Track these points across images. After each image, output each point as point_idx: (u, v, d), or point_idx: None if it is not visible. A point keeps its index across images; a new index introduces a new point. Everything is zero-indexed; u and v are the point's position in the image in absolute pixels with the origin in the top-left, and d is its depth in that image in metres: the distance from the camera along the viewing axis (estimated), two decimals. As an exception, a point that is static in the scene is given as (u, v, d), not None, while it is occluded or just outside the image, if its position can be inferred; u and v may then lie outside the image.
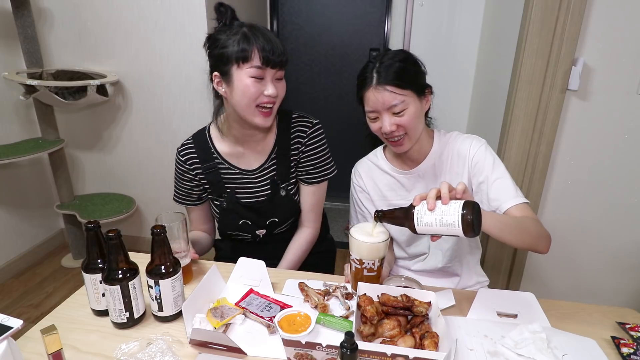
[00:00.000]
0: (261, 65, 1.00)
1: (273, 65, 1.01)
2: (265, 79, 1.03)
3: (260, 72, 1.01)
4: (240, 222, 1.21)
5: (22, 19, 1.96)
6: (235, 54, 0.99)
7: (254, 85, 1.01)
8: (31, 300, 2.10)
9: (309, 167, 1.19)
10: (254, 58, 0.99)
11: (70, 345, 0.81)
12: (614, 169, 1.62)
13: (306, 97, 3.12)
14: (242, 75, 1.01)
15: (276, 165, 1.18)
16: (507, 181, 1.00)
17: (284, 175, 1.19)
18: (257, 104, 1.04)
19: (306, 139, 1.17)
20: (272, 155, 1.18)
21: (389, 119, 0.99)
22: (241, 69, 1.01)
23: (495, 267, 1.87)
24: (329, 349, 0.74)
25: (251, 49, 0.99)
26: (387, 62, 0.99)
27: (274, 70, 1.03)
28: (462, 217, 0.74)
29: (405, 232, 1.17)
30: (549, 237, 0.97)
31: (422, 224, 0.78)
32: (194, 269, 1.06)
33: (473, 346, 0.82)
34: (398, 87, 0.96)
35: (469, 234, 0.74)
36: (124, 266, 0.82)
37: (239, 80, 1.02)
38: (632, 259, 1.72)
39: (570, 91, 1.56)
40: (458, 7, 2.20)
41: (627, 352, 0.80)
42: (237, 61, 1.00)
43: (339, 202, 3.28)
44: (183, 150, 1.19)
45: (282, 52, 1.02)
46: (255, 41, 0.99)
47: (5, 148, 2.03)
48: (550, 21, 1.47)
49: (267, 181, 1.19)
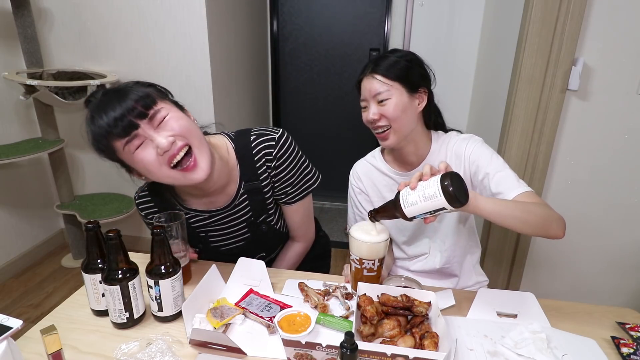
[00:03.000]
0: (127, 138, 0.82)
1: (134, 125, 0.81)
2: (147, 137, 0.83)
3: (135, 141, 0.83)
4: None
5: (22, 19, 1.96)
6: (106, 153, 0.86)
7: (144, 154, 0.83)
8: (31, 300, 2.10)
9: (287, 188, 1.05)
10: (115, 142, 0.83)
11: (70, 346, 0.81)
12: (614, 169, 1.62)
13: (306, 97, 3.12)
14: (128, 155, 0.84)
15: (248, 201, 1.04)
16: (507, 172, 0.99)
17: (259, 209, 1.06)
18: (170, 167, 0.85)
19: (274, 160, 1.00)
20: (241, 191, 1.03)
21: (373, 108, 1.01)
22: (121, 152, 0.85)
23: (495, 267, 1.87)
24: (329, 349, 0.74)
25: (105, 139, 0.82)
26: (390, 56, 1.02)
27: (144, 123, 0.82)
28: (442, 186, 0.75)
29: (405, 233, 1.17)
30: (562, 220, 0.91)
31: (408, 204, 0.79)
32: (193, 269, 1.06)
33: (473, 346, 0.82)
34: (386, 77, 0.99)
35: (454, 203, 0.75)
36: (124, 266, 0.82)
37: (132, 161, 0.86)
38: (632, 259, 1.72)
39: (570, 91, 1.56)
40: (458, 7, 2.20)
41: (627, 352, 0.80)
42: (112, 154, 0.86)
43: (339, 202, 3.28)
44: (141, 203, 1.05)
45: (129, 107, 0.81)
46: (101, 130, 0.82)
47: (5, 148, 2.03)
48: (550, 21, 1.47)
49: (243, 224, 1.06)
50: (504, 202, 0.89)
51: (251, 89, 2.72)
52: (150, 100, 0.84)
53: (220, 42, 2.19)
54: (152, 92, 0.88)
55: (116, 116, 0.81)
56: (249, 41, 2.61)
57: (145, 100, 0.84)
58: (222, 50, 2.22)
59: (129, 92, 0.84)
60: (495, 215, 0.83)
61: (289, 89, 3.11)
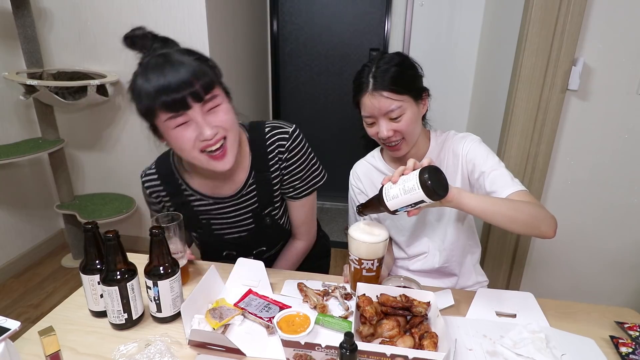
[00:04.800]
0: (171, 112, 0.82)
1: (182, 103, 0.81)
2: (193, 120, 0.84)
3: (180, 119, 0.83)
4: (225, 253, 1.14)
5: (22, 19, 1.96)
6: (144, 113, 0.85)
7: (183, 134, 0.84)
8: (31, 300, 2.10)
9: (295, 182, 1.06)
10: (159, 108, 0.82)
11: (68, 347, 0.81)
12: (614, 169, 1.62)
13: (306, 97, 3.12)
14: (166, 129, 0.85)
15: (256, 192, 1.04)
16: (502, 170, 0.99)
17: (266, 201, 1.06)
18: (200, 150, 0.87)
19: (286, 153, 1.01)
20: (250, 181, 1.03)
21: (385, 125, 0.98)
22: (161, 122, 0.84)
23: (495, 267, 1.87)
24: (328, 350, 0.73)
25: (152, 103, 0.82)
26: (384, 66, 0.97)
27: (197, 106, 0.83)
28: (420, 179, 0.76)
29: (404, 232, 1.17)
30: (553, 219, 0.90)
31: (389, 198, 0.81)
32: (191, 269, 1.06)
33: (472, 346, 0.82)
34: (395, 92, 0.95)
35: (432, 196, 0.76)
36: (122, 267, 0.82)
37: (167, 134, 0.86)
38: (632, 259, 1.71)
39: (570, 91, 1.56)
40: (458, 7, 2.20)
41: (625, 351, 0.80)
42: (150, 117, 0.86)
43: (339, 202, 3.28)
44: (147, 181, 1.05)
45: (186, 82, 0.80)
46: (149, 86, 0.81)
47: (5, 148, 2.03)
48: (550, 21, 1.47)
49: (249, 214, 1.06)
50: (491, 199, 0.88)
51: (251, 89, 2.72)
52: (210, 83, 0.84)
53: (220, 42, 2.19)
54: (211, 72, 0.86)
55: (172, 91, 0.80)
56: (249, 41, 2.61)
57: (206, 80, 0.83)
58: (222, 50, 2.22)
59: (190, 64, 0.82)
60: (480, 212, 0.83)
61: (289, 89, 3.10)
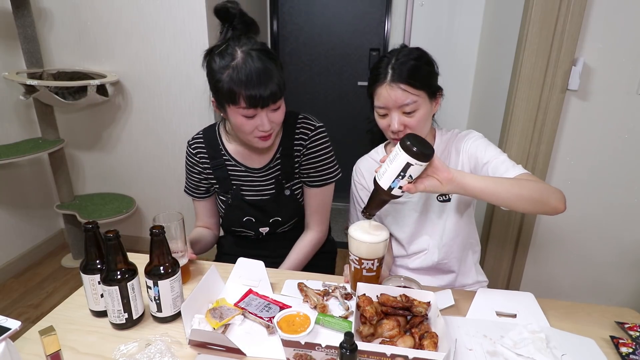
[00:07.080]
0: (249, 108, 0.98)
1: (263, 105, 0.98)
2: (258, 115, 1.01)
3: (250, 112, 0.99)
4: (245, 218, 1.22)
5: (22, 19, 1.96)
6: (223, 95, 0.98)
7: (247, 123, 1.01)
8: (31, 300, 2.10)
9: (311, 170, 1.19)
10: (241, 101, 0.97)
11: (68, 347, 0.81)
12: (614, 169, 1.62)
13: (306, 97, 3.12)
14: (234, 112, 1.00)
15: (280, 165, 1.19)
16: (502, 157, 0.99)
17: (288, 174, 1.20)
18: (253, 135, 1.05)
19: (308, 141, 1.16)
20: (277, 155, 1.19)
21: (398, 117, 0.98)
22: (232, 107, 0.99)
23: (495, 267, 1.87)
24: (329, 350, 0.73)
25: (238, 92, 0.96)
26: (403, 59, 0.98)
27: (268, 108, 1.00)
28: (400, 143, 0.78)
29: (405, 229, 1.17)
30: (561, 193, 0.87)
31: (380, 176, 0.83)
32: (192, 269, 1.06)
33: (472, 346, 0.82)
34: (412, 86, 0.96)
35: (415, 155, 0.76)
36: (123, 267, 0.82)
37: (233, 116, 1.02)
38: (632, 259, 1.71)
39: (570, 91, 1.56)
40: (458, 7, 2.19)
41: (625, 351, 0.80)
42: (227, 101, 0.99)
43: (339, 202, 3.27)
44: (194, 144, 1.21)
45: (272, 92, 0.97)
46: (241, 84, 0.95)
47: (5, 148, 2.04)
48: (550, 21, 1.47)
49: (272, 180, 1.20)
50: (495, 178, 0.87)
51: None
52: (282, 92, 1.01)
53: (220, 42, 2.19)
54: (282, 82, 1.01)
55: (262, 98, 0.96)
56: (248, 41, 2.60)
57: (283, 91, 1.01)
58: (222, 50, 2.22)
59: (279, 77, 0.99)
60: (485, 192, 0.83)
61: (289, 88, 3.09)
